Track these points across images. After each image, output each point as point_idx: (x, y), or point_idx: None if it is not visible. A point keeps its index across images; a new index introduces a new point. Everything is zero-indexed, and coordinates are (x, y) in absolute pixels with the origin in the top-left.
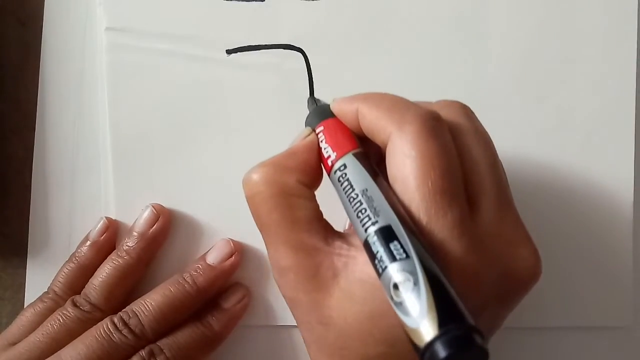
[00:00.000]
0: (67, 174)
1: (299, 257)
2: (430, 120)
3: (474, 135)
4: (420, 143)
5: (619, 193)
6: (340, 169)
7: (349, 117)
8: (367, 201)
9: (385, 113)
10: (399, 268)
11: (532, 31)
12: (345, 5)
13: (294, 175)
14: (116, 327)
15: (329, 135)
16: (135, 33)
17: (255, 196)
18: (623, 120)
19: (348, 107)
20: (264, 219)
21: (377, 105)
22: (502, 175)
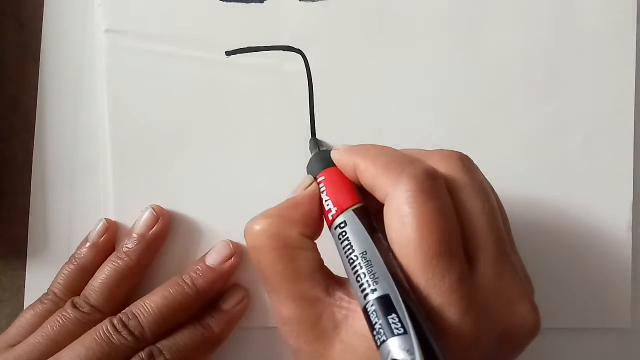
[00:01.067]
0: (66, 175)
1: (301, 307)
2: (426, 181)
3: (472, 189)
4: (417, 206)
5: (618, 194)
6: (340, 225)
7: (348, 170)
8: (366, 265)
9: (382, 171)
10: (398, 344)
11: (533, 32)
12: (345, 7)
13: (296, 228)
14: (115, 328)
15: (329, 187)
16: (135, 35)
17: (258, 248)
18: (622, 121)
19: (346, 160)
20: (266, 270)
21: (374, 162)
22: (501, 228)
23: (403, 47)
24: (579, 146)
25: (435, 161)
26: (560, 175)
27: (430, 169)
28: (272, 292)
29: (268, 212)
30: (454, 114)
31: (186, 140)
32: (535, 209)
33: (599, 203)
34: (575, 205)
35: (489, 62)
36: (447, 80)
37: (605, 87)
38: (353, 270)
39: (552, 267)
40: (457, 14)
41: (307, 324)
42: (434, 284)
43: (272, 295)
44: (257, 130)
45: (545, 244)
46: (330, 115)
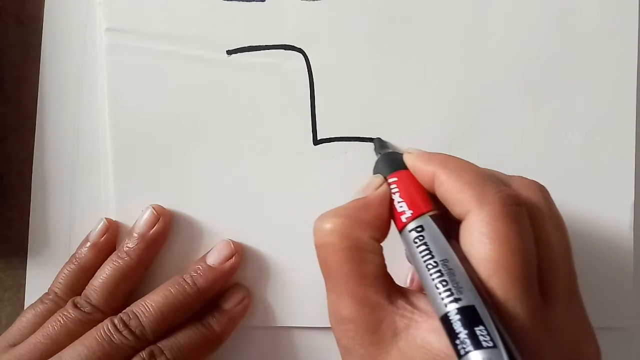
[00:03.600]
0: (67, 174)
1: (362, 311)
2: (512, 204)
3: (551, 222)
4: (501, 227)
5: (619, 193)
6: (416, 229)
7: (423, 177)
8: (448, 274)
9: (466, 187)
10: (485, 357)
11: (533, 32)
12: (346, 6)
13: (367, 231)
14: (116, 328)
15: (403, 190)
16: (136, 34)
17: (327, 246)
18: (624, 121)
19: (424, 167)
20: (332, 269)
21: (457, 177)
22: (573, 265)
23: (404, 46)
24: (580, 145)
25: (517, 187)
26: (561, 174)
27: (516, 195)
28: (334, 291)
29: (339, 211)
30: (455, 113)
31: (187, 140)
32: None
33: (601, 202)
34: (576, 205)
35: (490, 61)
36: (448, 79)
37: (606, 85)
38: (432, 276)
39: None
40: (457, 14)
41: (365, 327)
42: (513, 307)
43: (332, 294)
44: (258, 129)
45: None
46: (332, 114)
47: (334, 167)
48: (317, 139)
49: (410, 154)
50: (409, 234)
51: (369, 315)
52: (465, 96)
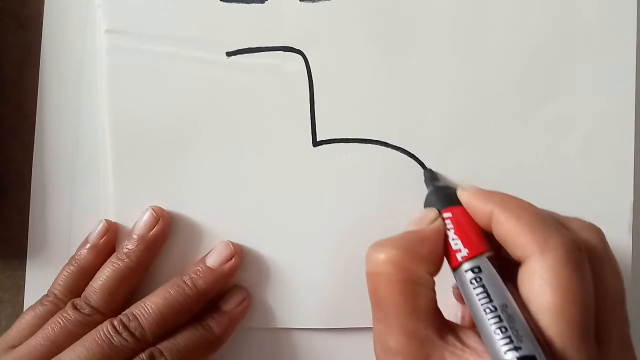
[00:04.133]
0: (66, 176)
1: (411, 344)
2: (575, 251)
3: (609, 266)
4: (564, 275)
5: (618, 194)
6: (473, 270)
7: (479, 215)
8: (507, 320)
9: (526, 230)
10: None
11: (532, 33)
12: (345, 7)
13: (423, 265)
14: (116, 330)
15: (458, 227)
16: (135, 35)
17: (380, 276)
18: (622, 122)
19: (481, 206)
20: (384, 300)
21: (517, 218)
22: (627, 314)
23: (404, 47)
24: (579, 147)
25: (576, 229)
26: (560, 175)
27: (577, 240)
28: (383, 321)
29: (395, 242)
30: (454, 113)
31: (187, 141)
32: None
33: (599, 203)
34: (575, 206)
35: (489, 63)
36: (447, 80)
37: (605, 87)
38: (490, 321)
39: None
40: (457, 15)
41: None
42: (571, 355)
43: (381, 324)
44: (257, 131)
45: None
46: (331, 115)
47: (333, 168)
48: (316, 140)
49: (465, 191)
50: (465, 274)
51: (418, 350)
52: (465, 97)
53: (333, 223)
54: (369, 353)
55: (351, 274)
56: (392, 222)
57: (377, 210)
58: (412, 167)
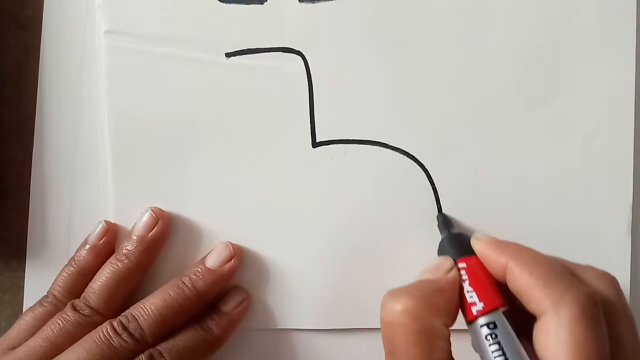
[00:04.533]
0: (66, 177)
1: None
2: (590, 308)
3: (625, 317)
4: (579, 332)
5: (617, 195)
6: (488, 326)
7: (493, 266)
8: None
9: (540, 284)
10: None
11: (532, 34)
12: (345, 8)
13: (440, 317)
14: (116, 331)
15: (473, 279)
16: (135, 36)
17: (396, 326)
18: (622, 123)
19: (495, 258)
20: (399, 350)
21: (530, 272)
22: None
23: (403, 48)
24: (579, 147)
25: (589, 278)
26: (559, 176)
27: (593, 295)
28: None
29: (411, 291)
30: (454, 114)
31: (186, 142)
32: (534, 210)
33: (599, 204)
34: (574, 206)
35: (489, 64)
36: (447, 81)
37: (605, 87)
38: None
39: None
40: (456, 16)
41: None
42: None
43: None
44: (257, 132)
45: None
46: (330, 116)
47: (332, 169)
48: (316, 141)
49: (479, 241)
50: (480, 328)
51: None
52: (464, 98)
53: (332, 224)
54: (368, 354)
55: (350, 275)
56: (391, 223)
57: (376, 210)
58: (412, 168)
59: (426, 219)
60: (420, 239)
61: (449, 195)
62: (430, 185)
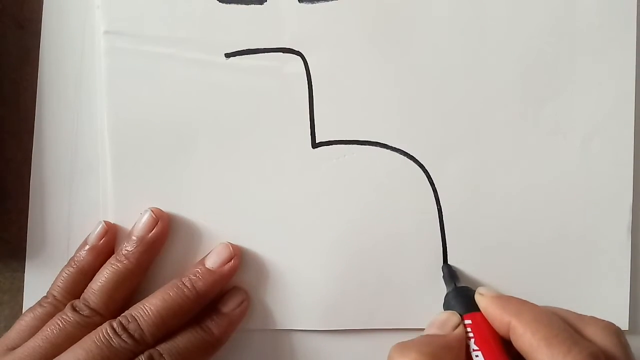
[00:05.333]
0: (65, 177)
1: None
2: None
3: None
4: None
5: (617, 195)
6: None
7: (497, 323)
8: None
9: (544, 345)
10: None
11: (532, 35)
12: (345, 8)
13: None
14: (115, 331)
15: (479, 338)
16: (134, 36)
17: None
18: (622, 123)
19: (498, 317)
20: None
21: (534, 331)
22: None
23: (403, 48)
24: (578, 148)
25: (593, 332)
26: (559, 177)
27: (596, 354)
28: None
29: (420, 347)
30: (453, 115)
31: (186, 143)
32: (535, 211)
33: (599, 204)
34: (574, 207)
35: (488, 65)
36: (446, 82)
37: (605, 88)
38: None
39: (551, 268)
40: (456, 16)
41: None
42: None
43: None
44: (256, 132)
45: (545, 245)
46: (330, 117)
47: (332, 170)
48: (315, 142)
49: (483, 297)
50: None
51: None
52: (465, 99)
53: (332, 224)
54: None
55: (350, 276)
56: (391, 223)
57: (376, 211)
58: (412, 169)
59: (426, 219)
60: (419, 240)
61: (449, 196)
62: (430, 186)
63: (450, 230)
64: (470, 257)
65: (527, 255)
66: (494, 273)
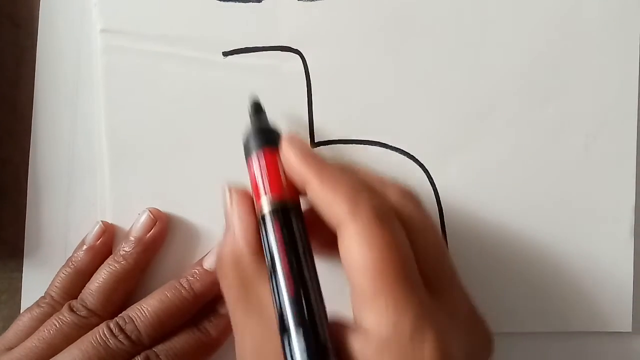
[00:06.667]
0: (63, 177)
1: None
2: (383, 210)
3: (424, 225)
4: (374, 232)
5: (620, 196)
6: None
7: (295, 178)
8: None
9: (339, 197)
10: None
11: (534, 34)
12: (343, 6)
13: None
14: (112, 332)
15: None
16: (131, 35)
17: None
18: (625, 123)
19: (297, 169)
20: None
21: (330, 187)
22: (452, 262)
23: (403, 47)
24: (581, 148)
25: (390, 196)
26: (562, 177)
27: (386, 201)
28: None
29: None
30: (454, 115)
31: (184, 142)
32: (536, 211)
33: (601, 205)
34: (576, 207)
35: (490, 64)
36: (447, 81)
37: (607, 88)
38: None
39: (553, 270)
40: (456, 16)
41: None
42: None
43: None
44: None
45: (546, 246)
46: (329, 116)
47: None
48: (314, 141)
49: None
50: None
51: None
52: (465, 98)
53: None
54: None
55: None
56: None
57: None
58: (412, 168)
59: None
60: None
61: (449, 195)
62: (431, 185)
63: (451, 230)
64: (470, 256)
65: (529, 255)
66: (494, 273)
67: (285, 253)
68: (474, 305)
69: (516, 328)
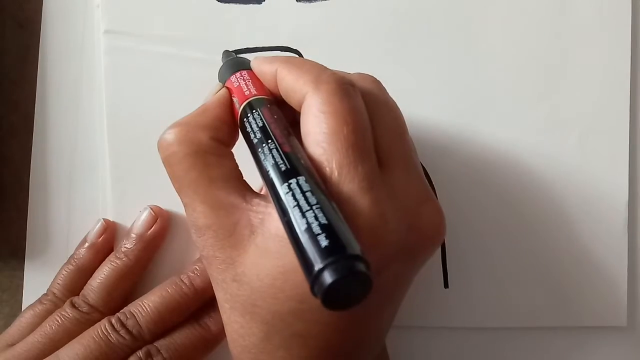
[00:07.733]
0: (65, 176)
1: (217, 215)
2: (345, 83)
3: (385, 106)
4: (335, 101)
5: (613, 192)
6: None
7: (267, 78)
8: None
9: (304, 74)
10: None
11: (527, 32)
12: (343, 7)
13: (207, 132)
14: (114, 327)
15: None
16: (134, 36)
17: (171, 157)
18: (617, 120)
19: (268, 67)
20: (180, 179)
21: (297, 67)
22: (411, 145)
23: (400, 47)
24: (574, 145)
25: (355, 77)
26: (555, 173)
27: (349, 77)
28: (188, 202)
29: (177, 121)
30: (450, 113)
31: None
32: (531, 207)
33: (595, 201)
34: (570, 204)
35: (485, 62)
36: (443, 80)
37: (600, 85)
38: None
39: (548, 265)
40: (452, 15)
41: (223, 231)
42: (348, 172)
43: (187, 207)
44: None
45: (541, 242)
46: None
47: None
48: None
49: (257, 59)
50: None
51: (224, 218)
52: (461, 96)
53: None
54: None
55: None
56: None
57: None
58: None
59: None
60: None
61: (446, 193)
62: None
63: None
64: (468, 255)
65: (523, 251)
66: (492, 271)
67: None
68: (425, 193)
69: (512, 323)
